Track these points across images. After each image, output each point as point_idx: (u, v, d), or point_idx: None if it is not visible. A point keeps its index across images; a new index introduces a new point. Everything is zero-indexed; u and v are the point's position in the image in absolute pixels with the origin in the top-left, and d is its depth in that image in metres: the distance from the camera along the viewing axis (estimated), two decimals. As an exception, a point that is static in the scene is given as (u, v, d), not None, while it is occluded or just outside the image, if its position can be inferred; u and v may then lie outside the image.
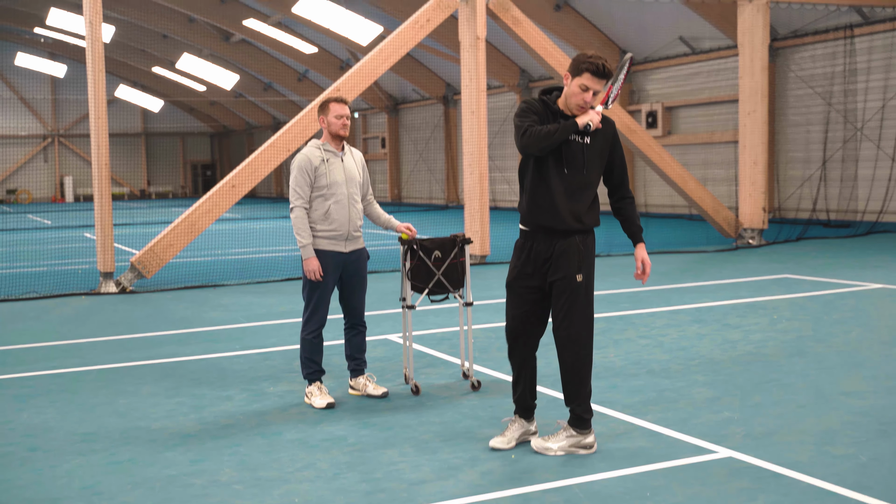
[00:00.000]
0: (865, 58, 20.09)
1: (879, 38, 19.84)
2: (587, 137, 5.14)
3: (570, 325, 5.17)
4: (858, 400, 6.11)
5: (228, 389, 6.93)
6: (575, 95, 5.06)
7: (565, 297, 5.16)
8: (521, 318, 5.33)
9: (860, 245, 16.03)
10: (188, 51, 37.74)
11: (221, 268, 15.13)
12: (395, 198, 38.04)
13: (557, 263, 5.17)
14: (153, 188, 52.12)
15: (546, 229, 5.19)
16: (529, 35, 14.98)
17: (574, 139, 5.12)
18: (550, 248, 5.19)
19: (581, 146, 5.14)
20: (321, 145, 6.50)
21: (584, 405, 5.22)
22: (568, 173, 5.12)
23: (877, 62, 19.94)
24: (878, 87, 19.91)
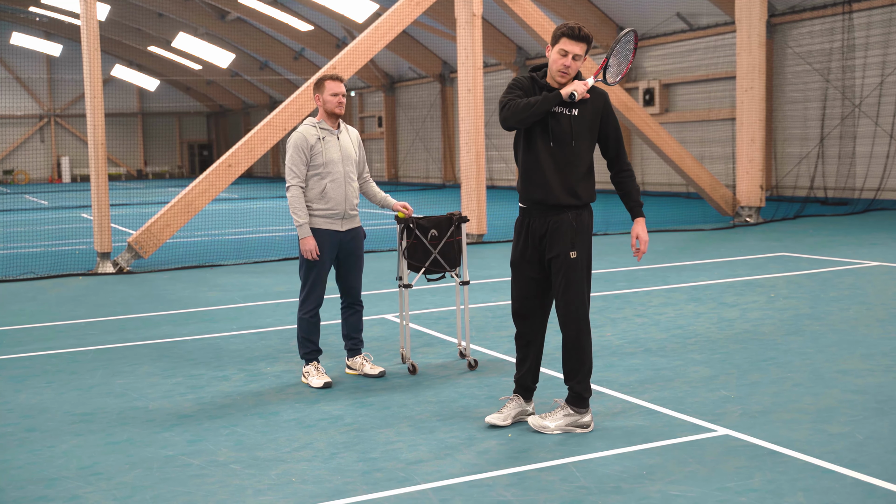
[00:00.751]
0: (864, 33, 19.99)
1: (878, 14, 19.74)
2: (574, 109, 5.09)
3: (569, 302, 5.17)
4: (855, 378, 6.11)
5: (225, 369, 6.93)
6: (555, 62, 5.05)
7: (562, 274, 5.16)
8: (526, 298, 5.33)
9: (858, 223, 16.02)
10: (184, 29, 37.54)
11: (218, 248, 15.11)
12: (392, 177, 37.96)
13: (552, 240, 5.17)
14: (150, 168, 51.99)
15: (540, 205, 5.18)
16: (526, 11, 14.90)
17: (561, 111, 5.09)
18: (545, 224, 5.18)
19: (569, 118, 5.10)
20: (317, 123, 6.47)
21: (583, 383, 5.22)
22: (554, 146, 5.11)
23: (875, 38, 19.86)
24: (877, 63, 19.83)
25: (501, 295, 9.82)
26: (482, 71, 14.61)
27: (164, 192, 33.03)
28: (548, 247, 5.19)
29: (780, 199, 21.00)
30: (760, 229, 15.53)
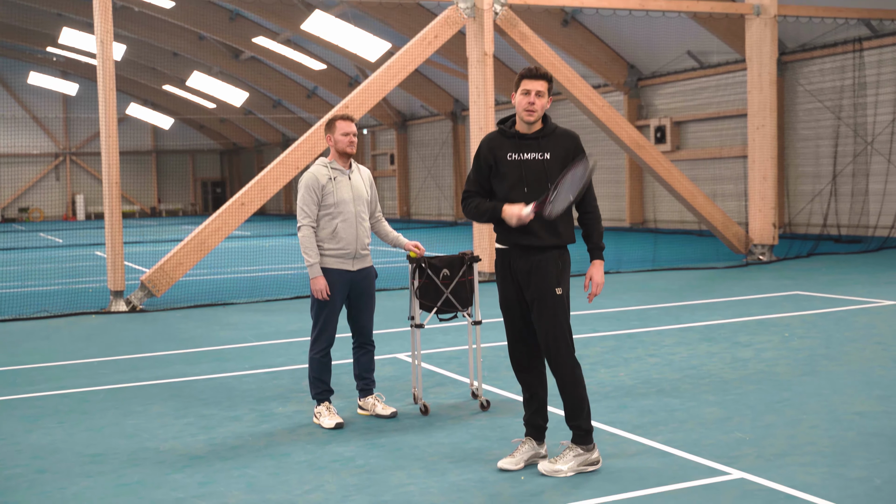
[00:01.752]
0: (875, 71, 20.03)
1: (889, 52, 19.79)
2: (547, 153, 5.18)
3: (559, 341, 5.20)
4: (872, 420, 6.04)
5: (237, 409, 6.91)
6: (520, 103, 5.16)
7: (548, 312, 5.19)
8: (520, 339, 5.37)
9: (872, 261, 15.94)
10: (198, 68, 37.91)
11: (231, 286, 15.13)
12: (405, 214, 38.05)
13: (536, 278, 5.20)
14: (163, 206, 52.29)
15: (520, 247, 5.23)
16: (537, 50, 15.00)
17: (533, 156, 5.19)
18: (528, 263, 5.22)
19: (541, 162, 5.19)
20: (328, 163, 6.50)
21: (587, 419, 5.24)
22: (528, 191, 5.18)
23: (886, 75, 19.88)
24: (888, 101, 19.84)
25: (513, 334, 9.77)
26: (494, 109, 14.69)
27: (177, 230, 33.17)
28: (532, 286, 5.21)
29: (793, 236, 20.94)
30: (774, 267, 15.46)
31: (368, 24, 27.37)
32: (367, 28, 27.31)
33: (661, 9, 16.53)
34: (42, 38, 37.50)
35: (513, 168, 5.22)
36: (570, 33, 24.86)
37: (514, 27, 14.71)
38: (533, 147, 5.21)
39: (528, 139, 5.22)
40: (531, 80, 5.14)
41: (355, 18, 26.36)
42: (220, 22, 30.91)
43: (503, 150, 5.25)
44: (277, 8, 25.96)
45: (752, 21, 16.35)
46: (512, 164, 5.23)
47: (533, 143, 5.22)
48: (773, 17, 16.19)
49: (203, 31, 31.83)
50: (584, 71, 25.78)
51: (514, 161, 5.23)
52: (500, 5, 14.52)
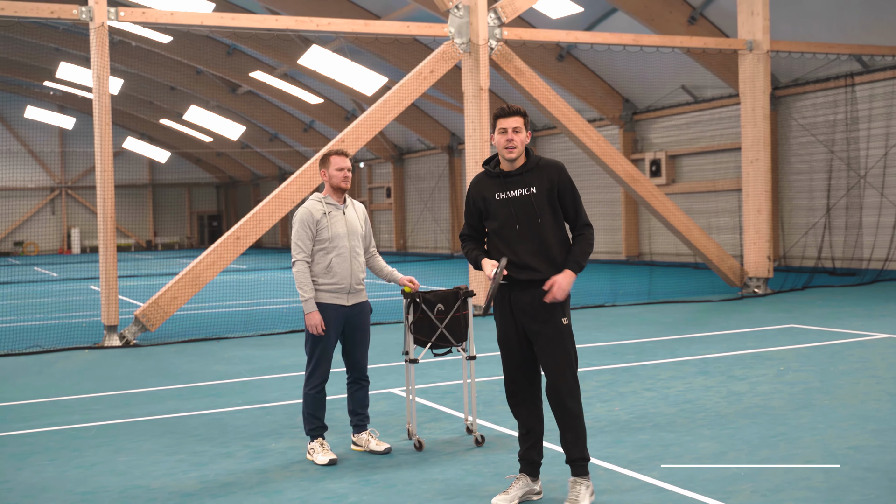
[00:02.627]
0: (867, 105, 20.17)
1: (880, 86, 19.94)
2: (532, 188, 5.22)
3: (564, 372, 5.19)
4: (866, 455, 6.02)
5: (230, 446, 6.86)
6: (499, 143, 5.25)
7: (554, 343, 5.18)
8: (518, 373, 5.36)
9: (866, 294, 15.95)
10: (195, 102, 38.10)
11: (226, 320, 15.10)
12: (401, 248, 38.08)
13: (542, 310, 5.19)
14: (159, 239, 52.27)
15: (522, 282, 5.23)
16: (532, 85, 15.09)
17: (520, 192, 5.24)
18: (530, 296, 5.22)
19: (528, 197, 5.23)
20: (323, 198, 6.52)
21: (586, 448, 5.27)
22: (520, 228, 5.22)
23: (878, 110, 20.02)
24: (880, 135, 19.97)
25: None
26: (489, 143, 14.75)
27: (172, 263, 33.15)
28: (538, 318, 5.20)
29: (788, 269, 20.96)
30: (769, 300, 15.47)
31: (365, 58, 27.56)
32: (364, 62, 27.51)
33: (655, 44, 16.67)
34: (40, 72, 37.67)
35: (501, 207, 5.28)
36: (565, 68, 25.03)
37: (509, 62, 14.81)
38: (518, 183, 5.26)
39: (512, 176, 5.27)
40: (505, 119, 5.22)
41: (352, 53, 26.54)
42: (217, 56, 31.11)
43: (490, 191, 5.32)
44: (274, 43, 26.13)
45: (745, 56, 16.48)
46: (500, 203, 5.29)
47: (518, 179, 5.27)
48: (766, 52, 16.32)
49: (200, 65, 32.03)
50: (580, 105, 25.94)
51: (502, 200, 5.28)
52: (496, 40, 14.63)
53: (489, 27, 14.55)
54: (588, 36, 16.67)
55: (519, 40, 15.26)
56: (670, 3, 20.84)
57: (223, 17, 13.98)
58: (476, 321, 13.60)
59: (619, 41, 16.17)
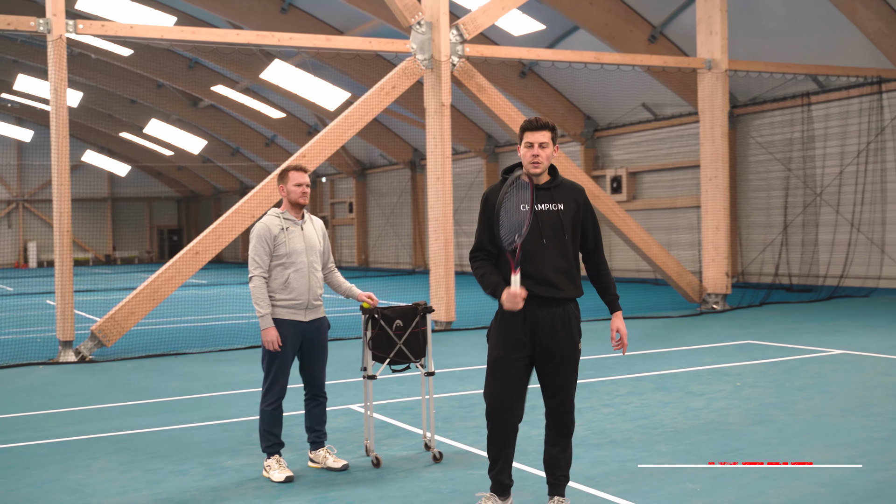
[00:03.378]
0: (822, 124, 20.51)
1: (835, 106, 20.29)
2: (560, 204, 5.07)
3: (570, 398, 5.13)
4: (821, 470, 6.08)
5: (185, 463, 6.78)
6: (524, 156, 5.07)
7: (569, 367, 5.08)
8: (509, 396, 5.08)
9: (822, 310, 16.17)
10: (156, 116, 37.81)
11: (184, 335, 14.94)
12: (363, 263, 37.99)
13: (558, 333, 5.04)
14: (118, 253, 51.70)
15: (541, 298, 5.03)
16: (494, 101, 15.16)
17: (547, 207, 5.05)
18: (549, 315, 5.04)
19: (556, 213, 5.07)
20: (280, 214, 6.49)
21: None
22: (547, 243, 5.04)
23: (833, 129, 20.36)
24: (836, 154, 20.31)
25: (469, 384, 9.76)
26: (451, 159, 14.79)
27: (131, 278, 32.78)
28: (556, 340, 5.04)
29: (745, 285, 21.20)
30: (727, 316, 15.62)
31: (327, 73, 27.54)
32: (327, 77, 27.49)
33: (616, 62, 16.83)
34: (-3, 84, 37.21)
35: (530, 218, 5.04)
36: (527, 84, 25.18)
37: (471, 78, 14.87)
38: (546, 198, 5.08)
39: (540, 190, 5.09)
40: (533, 133, 5.04)
41: (314, 68, 26.52)
42: (178, 70, 30.92)
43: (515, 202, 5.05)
44: (236, 57, 26.03)
45: (704, 75, 16.69)
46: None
47: (546, 193, 5.09)
48: (724, 71, 16.54)
49: (161, 78, 31.81)
50: (541, 122, 26.07)
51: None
52: (458, 57, 14.69)
53: (451, 44, 14.61)
54: (550, 53, 16.79)
55: (481, 57, 15.33)
56: (631, 22, 21.07)
57: (184, 31, 13.90)
58: (437, 336, 13.63)
59: (580, 59, 16.30)
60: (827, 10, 18.49)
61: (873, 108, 19.41)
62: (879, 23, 17.94)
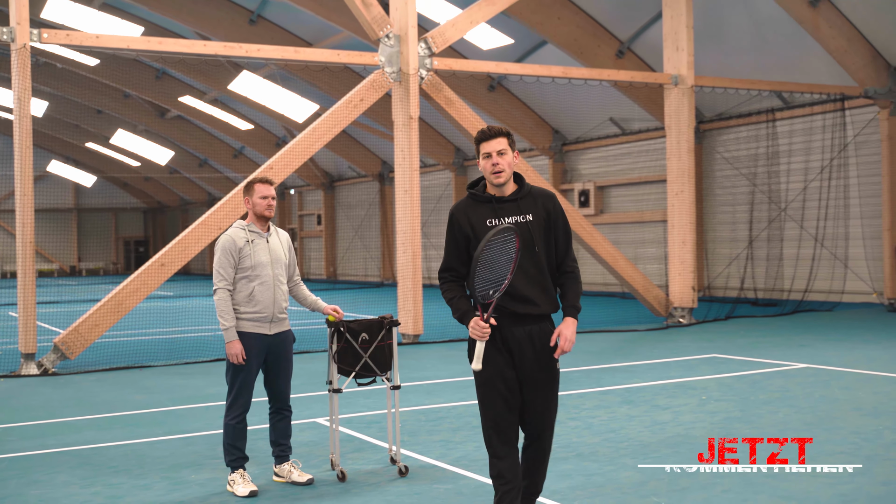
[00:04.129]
0: (787, 140, 20.76)
1: (799, 122, 20.55)
2: (529, 215, 4.80)
3: (550, 414, 4.88)
4: (783, 483, 6.12)
5: (147, 477, 6.70)
6: (485, 168, 4.81)
7: (548, 386, 4.84)
8: (503, 416, 4.80)
9: (787, 324, 16.33)
10: (123, 126, 37.49)
11: (149, 348, 14.80)
12: (331, 275, 37.85)
13: (538, 351, 4.79)
14: (84, 265, 51.13)
15: (516, 315, 4.78)
16: (462, 115, 15.19)
17: (515, 220, 4.79)
18: (525, 333, 4.79)
19: (525, 225, 4.80)
20: (246, 226, 6.45)
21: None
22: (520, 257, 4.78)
23: (797, 145, 20.62)
24: (800, 169, 20.55)
25: (435, 398, 9.73)
26: (419, 172, 14.79)
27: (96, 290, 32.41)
28: (534, 359, 4.79)
29: (711, 299, 21.36)
30: (693, 330, 15.73)
31: (296, 85, 27.48)
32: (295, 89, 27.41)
33: (584, 77, 16.94)
34: (-40, 92, 36.73)
35: None
36: (496, 98, 25.27)
37: (439, 92, 14.90)
38: (512, 210, 4.81)
39: (505, 202, 4.83)
40: (488, 142, 4.79)
41: (283, 80, 26.43)
42: (145, 80, 30.71)
43: (480, 217, 4.82)
44: (204, 68, 25.91)
45: (671, 90, 16.84)
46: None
47: (512, 205, 4.83)
48: (691, 87, 16.70)
49: (128, 88, 31.57)
50: (510, 135, 26.15)
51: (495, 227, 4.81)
52: (426, 70, 14.71)
53: (419, 57, 14.63)
54: (518, 67, 16.87)
55: (449, 70, 15.37)
56: (599, 37, 21.23)
57: (150, 42, 13.81)
58: (405, 349, 13.59)
59: (548, 73, 16.38)
60: (792, 28, 18.75)
61: (836, 124, 19.68)
62: (842, 41, 18.22)
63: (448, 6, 20.65)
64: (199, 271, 49.49)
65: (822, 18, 17.94)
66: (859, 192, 19.71)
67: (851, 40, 18.34)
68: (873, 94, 18.59)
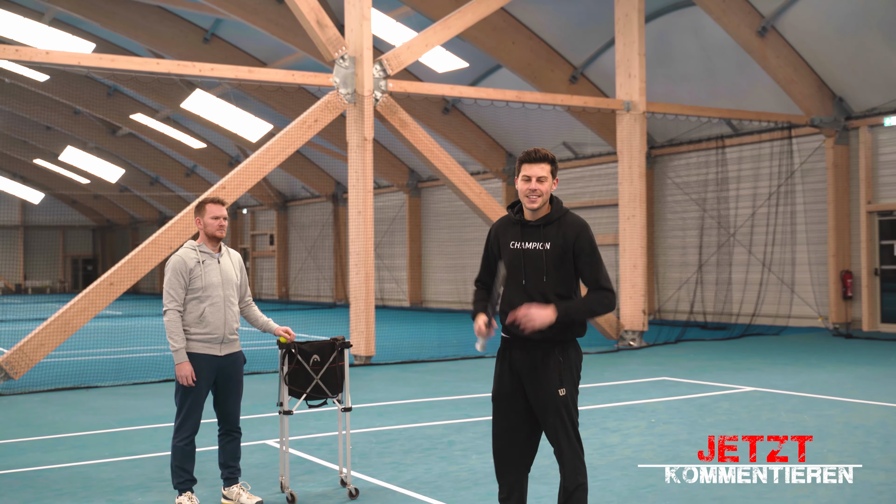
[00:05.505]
0: (736, 167, 21.13)
1: (748, 149, 20.94)
2: (547, 243, 4.84)
3: (566, 448, 4.82)
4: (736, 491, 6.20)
5: (92, 500, 6.59)
6: (521, 190, 4.86)
7: (553, 415, 4.83)
8: (507, 435, 4.94)
9: (735, 347, 16.55)
10: (72, 143, 37.02)
11: (96, 368, 14.57)
12: (283, 295, 37.61)
13: (539, 377, 4.84)
14: (30, 283, 50.22)
15: (521, 339, 4.87)
16: (416, 137, 15.25)
17: (534, 246, 4.86)
18: (530, 358, 4.86)
19: (541, 253, 4.85)
20: (197, 246, 6.41)
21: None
22: (526, 283, 4.86)
23: (746, 171, 21.00)
24: (749, 195, 20.92)
25: (387, 419, 9.71)
26: (372, 194, 14.80)
27: (42, 308, 31.85)
28: (535, 385, 4.85)
29: (662, 322, 21.59)
30: (643, 353, 15.88)
31: (250, 104, 27.39)
32: (249, 109, 27.33)
33: (538, 101, 17.11)
34: None
35: (514, 257, 4.91)
36: (450, 121, 25.41)
37: (393, 114, 14.95)
38: (534, 236, 4.87)
39: (530, 226, 4.90)
40: (531, 165, 4.82)
41: (237, 99, 26.34)
42: (96, 97, 30.40)
43: (507, 238, 4.96)
44: (157, 86, 25.71)
45: (623, 116, 17.07)
46: (513, 252, 4.92)
47: (535, 231, 4.88)
48: (642, 113, 16.94)
49: (79, 105, 31.24)
50: (464, 158, 26.33)
51: (516, 250, 4.91)
52: (381, 92, 14.75)
53: (374, 79, 14.68)
54: (472, 91, 16.99)
55: (404, 93, 15.43)
56: (552, 62, 21.47)
57: (102, 59, 13.68)
58: (356, 370, 13.55)
59: (502, 97, 16.53)
60: (741, 57, 19.13)
61: (784, 152, 20.09)
62: (789, 70, 18.63)
63: (403, 29, 20.76)
64: (149, 291, 48.88)
65: (769, 48, 18.34)
66: (805, 218, 20.11)
67: (798, 70, 18.77)
68: (819, 122, 19.02)
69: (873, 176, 19.09)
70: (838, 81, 18.98)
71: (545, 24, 20.94)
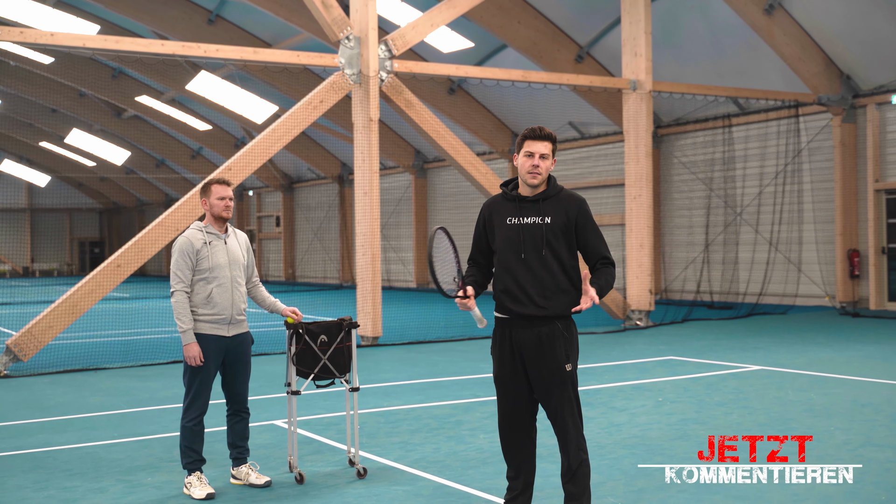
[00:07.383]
0: (742, 146, 21.05)
1: (755, 128, 20.85)
2: (547, 217, 4.91)
3: (567, 423, 4.90)
4: (739, 485, 6.21)
5: (102, 480, 6.63)
6: (523, 165, 4.92)
7: (556, 390, 4.88)
8: (512, 413, 5.02)
9: (742, 326, 16.55)
10: (78, 126, 37.00)
11: (104, 350, 14.62)
12: (290, 277, 37.67)
13: (543, 353, 4.88)
14: (37, 265, 50.37)
15: (522, 316, 4.90)
16: (422, 118, 15.21)
17: (533, 220, 4.92)
18: (533, 335, 4.89)
19: (540, 227, 4.90)
20: (203, 227, 6.41)
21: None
22: (525, 257, 4.90)
23: (753, 150, 20.92)
24: (755, 174, 20.85)
25: (394, 399, 9.74)
26: (378, 174, 14.78)
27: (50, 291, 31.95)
28: (540, 362, 4.88)
29: (668, 302, 21.58)
30: (650, 332, 15.88)
31: (255, 86, 27.32)
32: (254, 90, 27.26)
33: (543, 81, 17.04)
34: (-89, 89, 36.03)
35: (510, 232, 4.95)
36: (455, 101, 25.33)
37: (399, 94, 14.90)
38: (533, 210, 4.93)
39: (528, 202, 4.96)
40: (534, 142, 4.89)
41: (242, 80, 26.27)
42: (101, 79, 30.34)
43: (503, 214, 5.00)
44: (162, 67, 25.66)
45: (629, 95, 16.99)
46: (511, 227, 4.96)
47: (533, 206, 4.95)
48: (649, 92, 16.87)
49: (84, 87, 31.19)
50: (470, 138, 26.26)
51: (513, 225, 4.96)
52: (386, 72, 14.71)
53: (380, 59, 14.63)
54: (478, 71, 16.92)
55: (409, 73, 15.38)
56: (558, 42, 21.37)
57: (107, 40, 13.65)
58: (364, 351, 13.58)
59: (508, 77, 16.46)
60: (748, 35, 19.02)
61: (791, 130, 20.00)
62: (796, 48, 18.51)
63: (409, 9, 20.67)
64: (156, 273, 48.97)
65: (776, 26, 18.22)
66: (812, 197, 20.05)
67: (805, 48, 18.66)
68: (826, 101, 18.92)
69: (881, 154, 19.01)
70: (845, 59, 18.87)
71: (551, 3, 20.83)
